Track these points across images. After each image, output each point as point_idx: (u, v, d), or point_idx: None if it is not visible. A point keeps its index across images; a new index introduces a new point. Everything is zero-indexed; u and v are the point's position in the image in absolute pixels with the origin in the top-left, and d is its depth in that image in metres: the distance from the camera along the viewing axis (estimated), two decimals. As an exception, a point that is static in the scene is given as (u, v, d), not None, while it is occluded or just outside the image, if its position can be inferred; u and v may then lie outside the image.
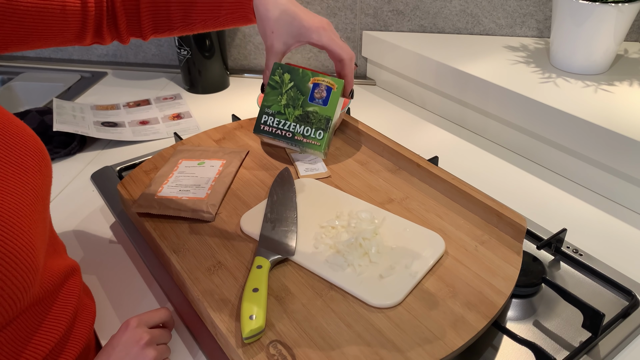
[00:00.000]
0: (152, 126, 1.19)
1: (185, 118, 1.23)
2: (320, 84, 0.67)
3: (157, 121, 1.21)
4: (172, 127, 1.19)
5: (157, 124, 1.20)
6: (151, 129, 1.18)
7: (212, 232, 0.77)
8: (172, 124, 1.20)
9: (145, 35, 0.73)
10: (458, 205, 0.81)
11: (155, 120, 1.22)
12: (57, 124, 1.09)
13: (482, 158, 1.07)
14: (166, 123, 1.21)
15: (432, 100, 1.23)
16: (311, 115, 0.67)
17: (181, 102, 1.31)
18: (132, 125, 1.18)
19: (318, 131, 0.69)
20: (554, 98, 0.98)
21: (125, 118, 1.22)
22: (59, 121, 1.10)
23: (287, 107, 0.68)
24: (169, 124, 1.20)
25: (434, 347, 0.59)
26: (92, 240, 0.85)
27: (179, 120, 1.22)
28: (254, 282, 0.65)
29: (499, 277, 0.68)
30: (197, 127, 1.20)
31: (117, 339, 0.61)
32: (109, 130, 1.15)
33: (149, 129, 1.18)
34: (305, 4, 1.32)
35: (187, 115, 1.24)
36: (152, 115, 1.24)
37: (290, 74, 0.68)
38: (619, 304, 0.72)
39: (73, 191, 0.97)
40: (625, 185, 0.90)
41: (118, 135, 1.14)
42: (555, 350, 0.66)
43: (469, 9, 1.25)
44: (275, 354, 0.59)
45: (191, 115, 1.25)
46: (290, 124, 0.68)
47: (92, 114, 1.21)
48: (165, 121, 1.21)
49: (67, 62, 1.51)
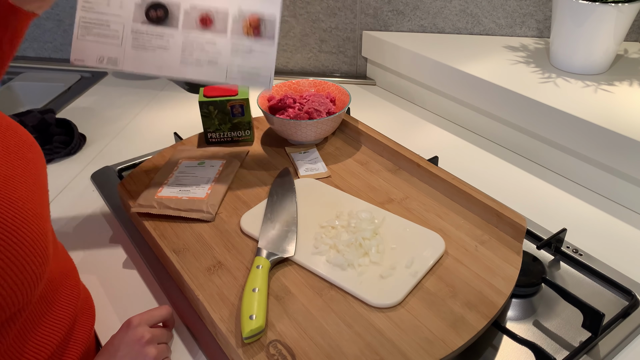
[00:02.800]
0: (214, 40, 0.75)
1: (266, 39, 0.76)
2: (235, 105, 0.94)
3: (224, 28, 0.75)
4: (241, 56, 0.76)
5: (222, 37, 0.75)
6: (211, 50, 0.76)
7: (212, 232, 0.77)
8: (243, 46, 0.75)
9: None
10: (458, 205, 0.81)
11: (223, 25, 0.75)
12: (78, 41, 0.74)
13: (482, 158, 1.07)
14: (236, 41, 0.75)
15: (432, 100, 1.23)
16: (238, 124, 0.97)
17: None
18: (187, 27, 0.75)
19: (246, 131, 0.98)
20: (554, 98, 0.98)
21: (183, 2, 0.77)
22: (81, 35, 0.75)
23: (220, 124, 0.97)
24: (240, 44, 0.75)
25: (434, 347, 0.59)
26: (92, 240, 0.85)
27: (257, 40, 0.76)
28: (254, 282, 0.65)
29: (499, 277, 0.68)
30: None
31: (118, 337, 0.61)
32: (149, 44, 0.75)
33: (207, 49, 0.76)
34: (305, 4, 1.32)
35: (269, 34, 0.76)
36: (222, 5, 0.76)
37: (214, 105, 0.94)
38: (619, 304, 0.72)
39: (73, 191, 0.97)
40: (625, 185, 0.90)
41: (159, 59, 0.75)
42: (555, 350, 0.66)
43: (469, 9, 1.25)
44: (275, 354, 0.59)
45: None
46: (227, 132, 0.98)
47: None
48: (236, 34, 0.76)
49: (67, 62, 1.51)
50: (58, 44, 1.50)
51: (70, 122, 1.12)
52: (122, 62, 0.74)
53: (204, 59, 0.74)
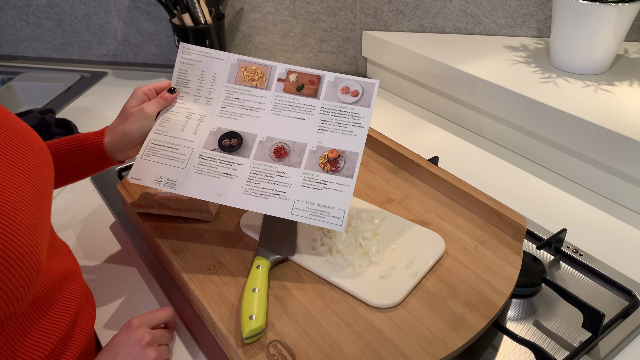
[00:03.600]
0: (286, 171, 0.70)
1: (343, 176, 0.69)
2: None
3: (300, 161, 0.70)
4: (313, 190, 0.68)
5: (296, 169, 0.69)
6: (280, 181, 0.69)
7: (212, 232, 0.77)
8: (317, 180, 0.69)
9: None
10: (458, 205, 0.81)
11: (298, 158, 0.70)
12: (141, 160, 0.71)
13: (482, 158, 1.06)
14: (310, 174, 0.69)
15: (432, 100, 1.23)
16: None
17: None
18: (259, 157, 0.71)
19: None
20: (554, 98, 0.98)
21: (260, 132, 0.72)
22: (146, 155, 0.71)
23: None
24: (313, 177, 0.69)
25: (434, 347, 0.59)
26: (92, 241, 0.85)
27: (333, 175, 0.69)
28: (254, 282, 0.65)
29: (499, 277, 0.68)
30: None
31: (118, 338, 0.60)
32: (214, 171, 0.70)
33: (277, 180, 0.69)
34: (305, 4, 1.32)
35: (349, 172, 0.69)
36: (301, 138, 0.71)
37: None
38: (619, 304, 0.72)
39: (73, 191, 0.97)
40: (625, 185, 0.90)
41: (221, 186, 0.70)
42: (555, 350, 0.66)
43: (469, 8, 1.25)
44: (275, 354, 0.59)
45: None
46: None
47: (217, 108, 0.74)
48: (311, 166, 0.70)
49: (67, 62, 1.51)
50: (58, 44, 1.50)
51: (70, 122, 1.12)
52: (180, 185, 0.70)
53: (271, 189, 0.69)
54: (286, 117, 0.73)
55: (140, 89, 0.74)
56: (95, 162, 0.73)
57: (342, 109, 0.73)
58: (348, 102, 0.74)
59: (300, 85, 0.75)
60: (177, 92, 0.76)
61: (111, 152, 0.73)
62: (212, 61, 0.77)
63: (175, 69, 0.77)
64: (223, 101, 0.75)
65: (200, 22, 1.25)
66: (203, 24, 1.25)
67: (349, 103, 0.73)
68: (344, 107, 0.73)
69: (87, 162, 0.73)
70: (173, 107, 0.75)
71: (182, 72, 0.77)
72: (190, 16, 1.24)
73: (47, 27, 1.47)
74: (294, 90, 0.75)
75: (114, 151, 0.73)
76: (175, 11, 1.26)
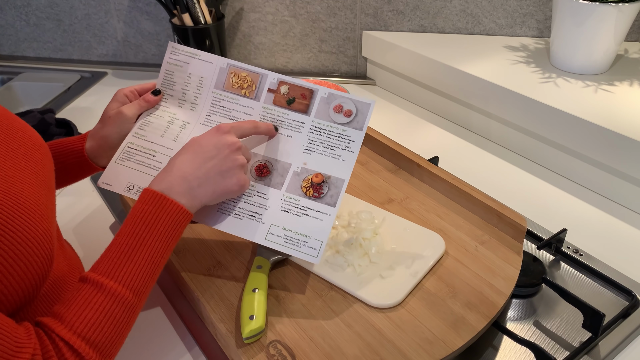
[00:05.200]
0: (265, 192, 0.67)
1: (325, 204, 0.66)
2: None
3: (281, 182, 0.67)
4: (291, 216, 0.65)
5: (276, 190, 0.67)
6: (258, 202, 0.67)
7: (212, 232, 0.77)
8: (297, 205, 0.66)
9: None
10: (458, 205, 0.81)
11: (280, 178, 0.68)
12: (114, 164, 0.69)
13: (482, 158, 1.06)
14: (290, 198, 0.67)
15: (432, 100, 1.23)
16: None
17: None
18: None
19: None
20: (554, 98, 0.98)
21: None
22: (120, 160, 0.69)
23: None
24: (293, 202, 0.66)
25: (434, 347, 0.59)
26: (92, 241, 0.85)
27: (315, 201, 0.66)
28: (254, 282, 0.65)
29: (499, 277, 0.68)
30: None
31: (206, 138, 0.60)
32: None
33: (254, 200, 0.67)
34: (305, 4, 1.32)
35: (332, 200, 0.66)
36: (286, 158, 0.68)
37: None
38: (619, 304, 0.72)
39: (73, 191, 0.97)
40: (625, 185, 0.90)
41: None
42: (555, 351, 0.66)
43: (469, 9, 1.25)
44: (275, 354, 0.59)
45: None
46: None
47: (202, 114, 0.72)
48: (292, 190, 0.67)
49: (67, 62, 1.51)
50: (58, 44, 1.50)
51: (70, 122, 1.12)
52: None
53: (247, 210, 0.65)
54: None
55: (122, 90, 0.72)
56: (76, 167, 0.71)
57: (332, 129, 0.68)
58: (340, 123, 0.68)
59: (292, 98, 0.70)
60: (161, 95, 0.73)
61: (93, 157, 0.71)
62: (201, 64, 0.72)
63: (161, 70, 0.74)
64: (209, 109, 0.71)
65: (200, 22, 1.25)
66: (203, 24, 1.25)
67: (341, 123, 0.68)
68: (335, 127, 0.68)
69: (69, 167, 0.71)
70: (156, 111, 0.72)
71: (169, 73, 0.73)
72: (190, 16, 1.24)
73: (47, 27, 1.47)
74: (284, 104, 0.70)
75: (95, 157, 0.71)
76: (175, 11, 1.26)
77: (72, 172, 0.72)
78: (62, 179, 0.72)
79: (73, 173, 0.73)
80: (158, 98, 0.72)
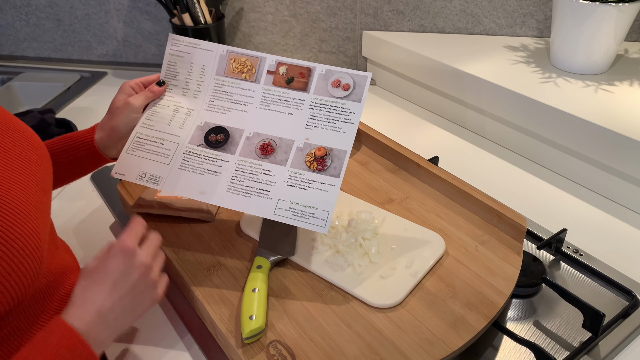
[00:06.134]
0: (271, 169, 0.68)
1: (330, 175, 0.67)
2: None
3: (286, 159, 0.69)
4: (298, 189, 0.67)
5: (281, 166, 0.68)
6: (265, 179, 0.68)
7: (212, 232, 0.77)
8: (302, 178, 0.68)
9: None
10: (458, 205, 0.81)
11: (284, 155, 0.69)
12: (126, 154, 0.70)
13: (482, 158, 1.06)
14: (295, 172, 0.68)
15: (432, 100, 1.23)
16: None
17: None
18: (245, 154, 0.70)
19: None
20: (554, 98, 0.98)
21: (247, 128, 0.72)
22: (131, 150, 0.71)
23: None
24: (298, 176, 0.68)
25: (434, 347, 0.59)
26: (92, 240, 0.85)
27: (319, 174, 0.67)
28: (254, 282, 0.65)
29: (499, 277, 0.68)
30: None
31: (112, 264, 0.54)
32: (198, 167, 0.69)
33: (261, 178, 0.68)
34: (305, 4, 1.32)
35: (335, 171, 0.67)
36: (289, 135, 0.70)
37: None
38: (619, 304, 0.72)
39: (73, 191, 0.97)
40: (625, 185, 0.90)
41: (205, 184, 0.69)
42: (555, 351, 0.66)
43: (469, 8, 1.25)
44: (275, 354, 0.59)
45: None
46: None
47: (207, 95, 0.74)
48: (297, 165, 0.69)
49: (67, 62, 1.51)
50: (58, 44, 1.50)
51: (70, 122, 1.12)
52: (163, 182, 0.68)
53: (255, 187, 0.67)
54: (274, 112, 0.72)
55: (128, 83, 0.73)
56: (87, 159, 0.73)
57: (332, 104, 0.71)
58: (338, 97, 0.71)
59: (290, 78, 0.73)
60: (165, 85, 0.75)
61: (102, 148, 0.72)
62: (201, 53, 0.75)
63: (164, 61, 0.76)
64: (211, 94, 0.74)
65: (200, 22, 1.25)
66: (203, 24, 1.25)
67: (340, 97, 0.71)
68: (334, 101, 0.71)
69: (80, 159, 0.72)
70: (161, 101, 0.74)
71: (171, 64, 0.76)
72: (190, 16, 1.24)
73: (47, 27, 1.47)
74: (284, 84, 0.72)
75: (105, 147, 0.72)
76: (175, 11, 1.26)
77: (83, 163, 0.73)
78: (73, 172, 0.74)
79: (84, 164, 0.73)
80: (163, 88, 0.74)
